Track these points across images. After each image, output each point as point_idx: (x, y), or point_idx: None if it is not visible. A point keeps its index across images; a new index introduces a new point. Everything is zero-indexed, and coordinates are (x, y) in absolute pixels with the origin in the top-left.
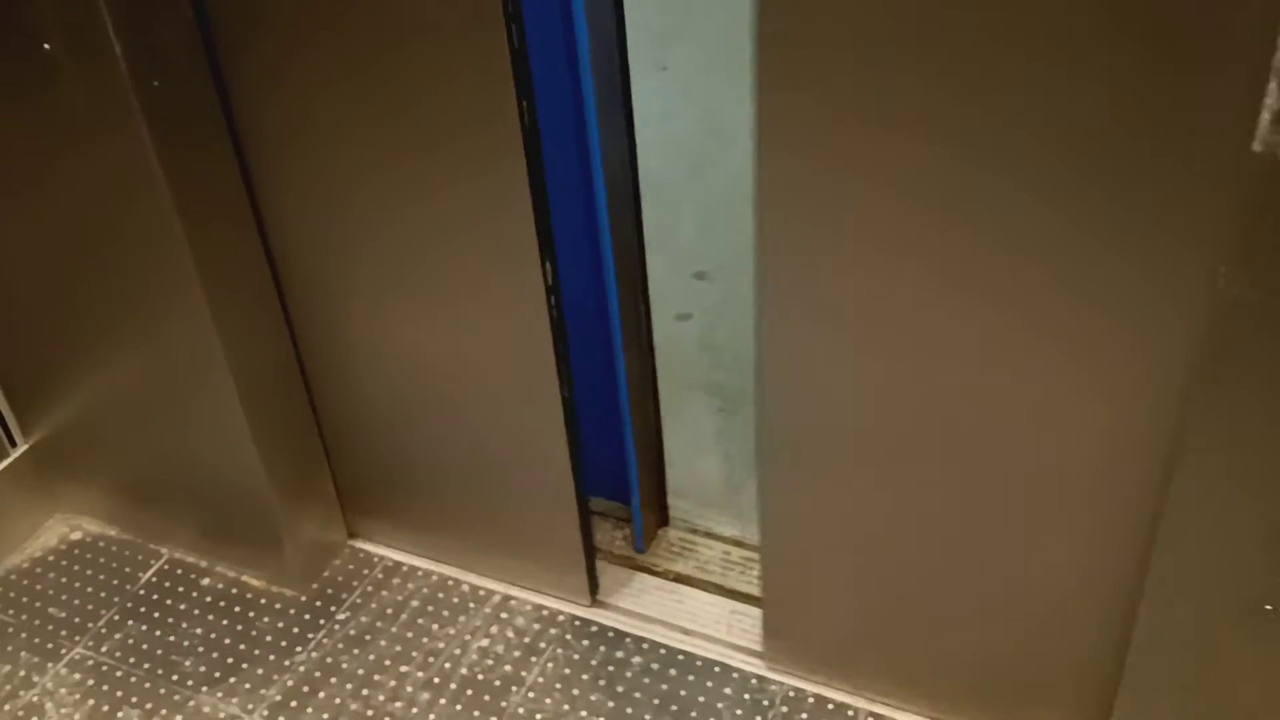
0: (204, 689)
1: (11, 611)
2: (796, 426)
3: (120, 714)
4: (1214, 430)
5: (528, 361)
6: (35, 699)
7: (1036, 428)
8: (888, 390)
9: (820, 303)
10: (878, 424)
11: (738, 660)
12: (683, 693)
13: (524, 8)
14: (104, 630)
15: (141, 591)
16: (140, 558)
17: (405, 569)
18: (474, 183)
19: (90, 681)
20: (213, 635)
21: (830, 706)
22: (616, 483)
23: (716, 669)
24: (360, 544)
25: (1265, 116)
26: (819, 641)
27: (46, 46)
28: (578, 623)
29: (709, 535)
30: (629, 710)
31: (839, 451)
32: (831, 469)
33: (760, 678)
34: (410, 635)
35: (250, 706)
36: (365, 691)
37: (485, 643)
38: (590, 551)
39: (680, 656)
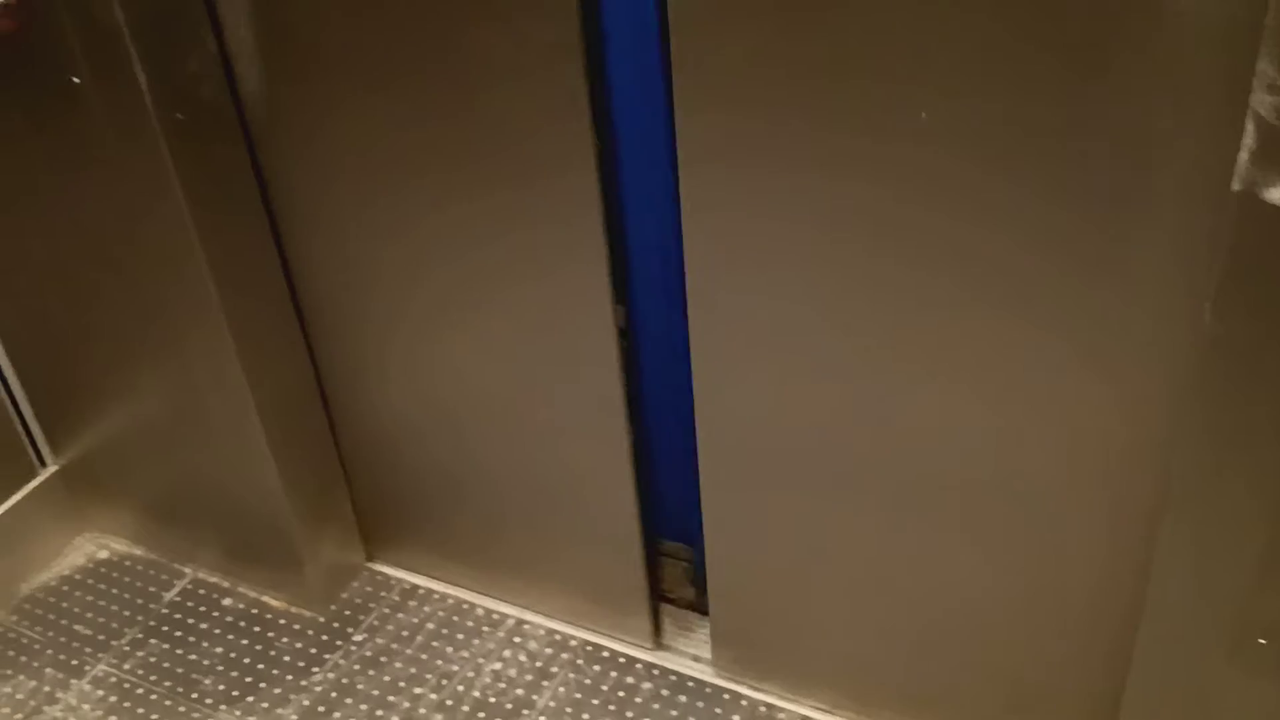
0: (223, 707)
1: (39, 628)
2: (736, 442)
3: None
4: (1201, 464)
5: (594, 402)
6: (59, 714)
7: (999, 445)
8: (817, 410)
9: (749, 319)
10: (808, 443)
11: (745, 687)
12: (691, 718)
13: (606, 50)
14: (127, 648)
15: (165, 610)
16: (165, 577)
17: (422, 592)
18: (543, 221)
19: (113, 698)
20: (233, 654)
21: None
22: (686, 524)
23: (725, 695)
24: (378, 567)
25: (1243, 155)
26: (768, 652)
27: (75, 80)
28: (589, 648)
29: None
30: None
31: (777, 466)
32: (772, 484)
33: (769, 705)
34: (425, 657)
35: None
36: (379, 712)
37: (498, 666)
38: (656, 595)
39: (690, 683)
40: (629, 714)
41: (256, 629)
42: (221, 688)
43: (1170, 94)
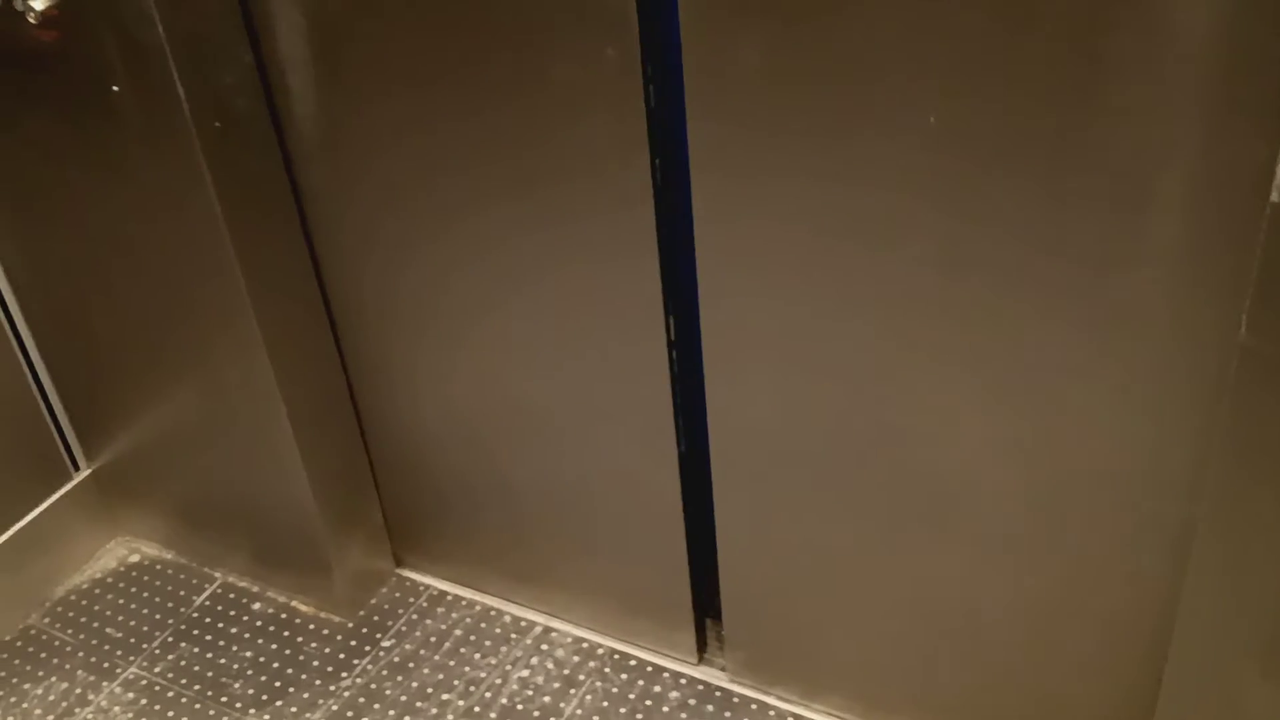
0: (252, 711)
1: (70, 631)
2: (748, 447)
3: None
4: (1234, 476)
5: (642, 414)
6: (90, 716)
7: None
8: (829, 416)
9: (761, 325)
10: (820, 448)
11: (772, 697)
12: None
13: (665, 61)
14: (158, 651)
15: (195, 614)
16: (195, 581)
17: (450, 598)
18: (592, 232)
19: (143, 701)
20: (262, 659)
21: None
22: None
23: (753, 705)
24: (407, 572)
25: None
26: (778, 655)
27: (115, 89)
28: (616, 656)
29: None
30: None
31: (789, 471)
32: (783, 488)
33: (796, 716)
34: (452, 664)
35: None
36: (407, 718)
37: (525, 673)
38: (701, 609)
39: (718, 693)
40: None
41: (285, 633)
42: (250, 692)
43: (1178, 95)
